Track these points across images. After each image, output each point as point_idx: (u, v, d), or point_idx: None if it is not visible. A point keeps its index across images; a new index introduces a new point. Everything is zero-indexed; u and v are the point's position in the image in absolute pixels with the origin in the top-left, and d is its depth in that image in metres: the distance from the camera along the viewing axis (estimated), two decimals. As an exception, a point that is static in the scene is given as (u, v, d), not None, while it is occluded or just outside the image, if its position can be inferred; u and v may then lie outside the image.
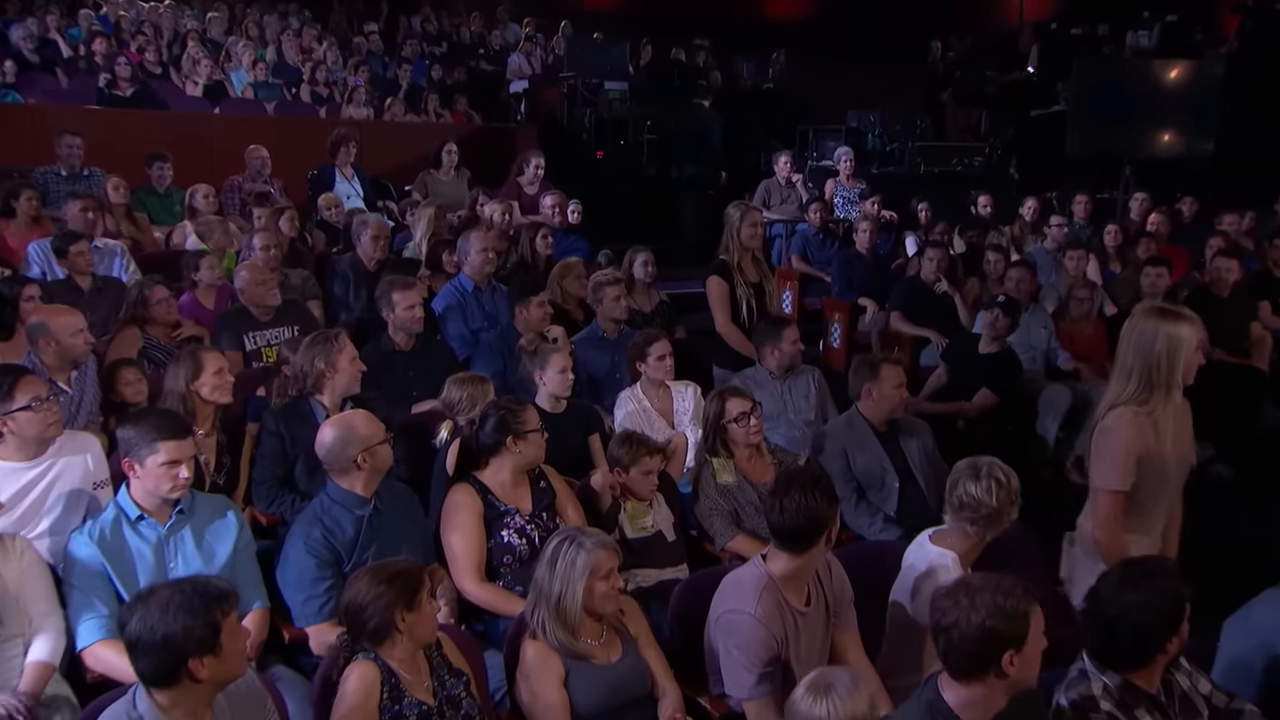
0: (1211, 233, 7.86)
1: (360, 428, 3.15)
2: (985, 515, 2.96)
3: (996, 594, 2.24)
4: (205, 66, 9.97)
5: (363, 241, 5.96)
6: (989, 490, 2.95)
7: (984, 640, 2.22)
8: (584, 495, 3.65)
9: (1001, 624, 2.22)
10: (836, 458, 4.06)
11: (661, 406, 4.57)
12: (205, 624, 2.17)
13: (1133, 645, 2.43)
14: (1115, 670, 2.44)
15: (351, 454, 3.09)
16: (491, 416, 3.40)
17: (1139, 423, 2.94)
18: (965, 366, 5.48)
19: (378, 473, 3.16)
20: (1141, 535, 3.02)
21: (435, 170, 8.29)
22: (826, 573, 2.95)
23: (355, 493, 3.13)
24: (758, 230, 5.09)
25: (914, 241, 8.08)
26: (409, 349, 4.75)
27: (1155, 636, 2.42)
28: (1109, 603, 2.44)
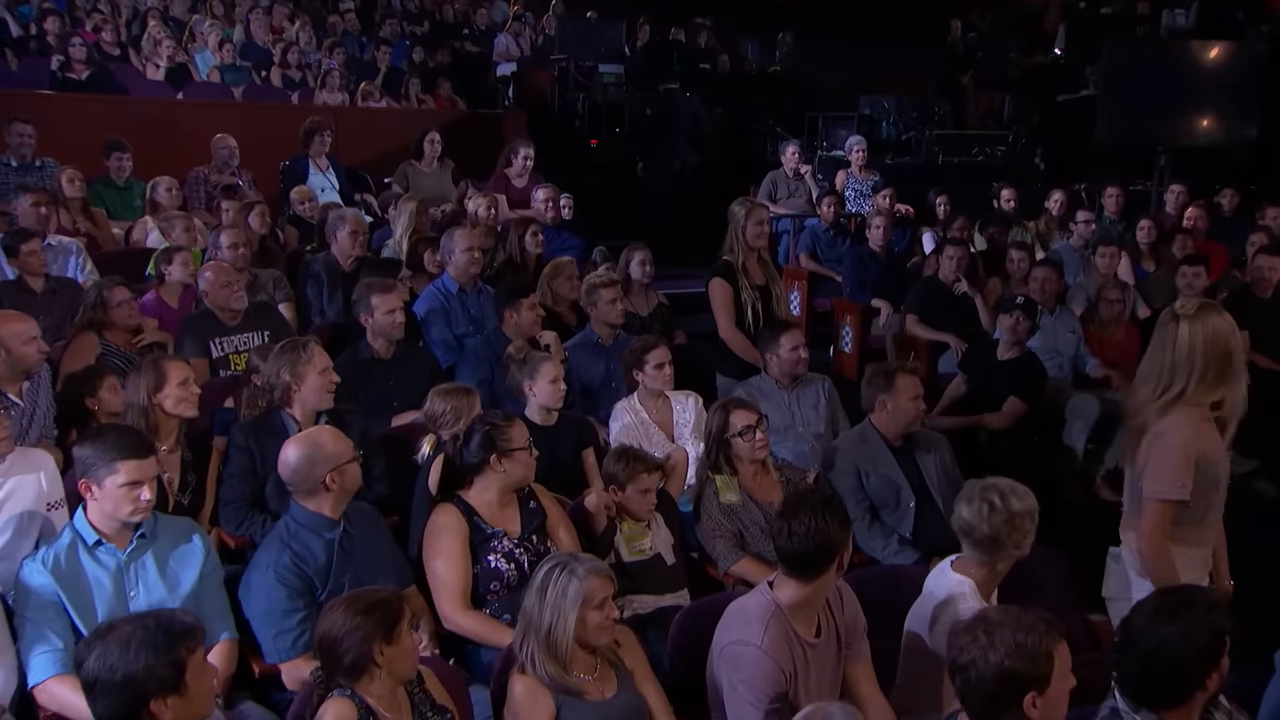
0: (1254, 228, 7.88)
1: (327, 445, 3.15)
2: (979, 541, 2.97)
3: (1017, 630, 2.24)
4: (167, 47, 9.97)
5: (339, 239, 5.96)
6: (979, 514, 2.96)
7: (1003, 681, 2.23)
8: (577, 516, 3.66)
9: (1022, 664, 2.23)
10: (848, 475, 4.08)
11: (660, 418, 4.58)
12: (169, 662, 2.17)
13: (1169, 682, 2.43)
14: (1150, 709, 2.45)
15: (319, 474, 3.10)
16: (476, 433, 3.41)
17: (1199, 425, 2.96)
18: (985, 374, 5.49)
19: (346, 493, 3.17)
20: (1192, 548, 3.03)
21: (416, 161, 8.30)
22: (838, 601, 2.96)
23: (323, 515, 3.14)
24: (764, 229, 5.11)
25: (931, 238, 8.09)
26: (389, 356, 4.76)
27: (1194, 672, 2.42)
28: (1143, 635, 2.44)
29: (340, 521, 3.17)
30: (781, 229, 8.95)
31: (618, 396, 4.77)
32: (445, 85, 10.85)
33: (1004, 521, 2.96)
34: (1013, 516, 2.96)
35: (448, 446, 3.57)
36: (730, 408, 3.95)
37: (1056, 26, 12.35)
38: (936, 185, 8.86)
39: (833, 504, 2.83)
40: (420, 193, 7.55)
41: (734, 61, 12.77)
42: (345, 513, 3.20)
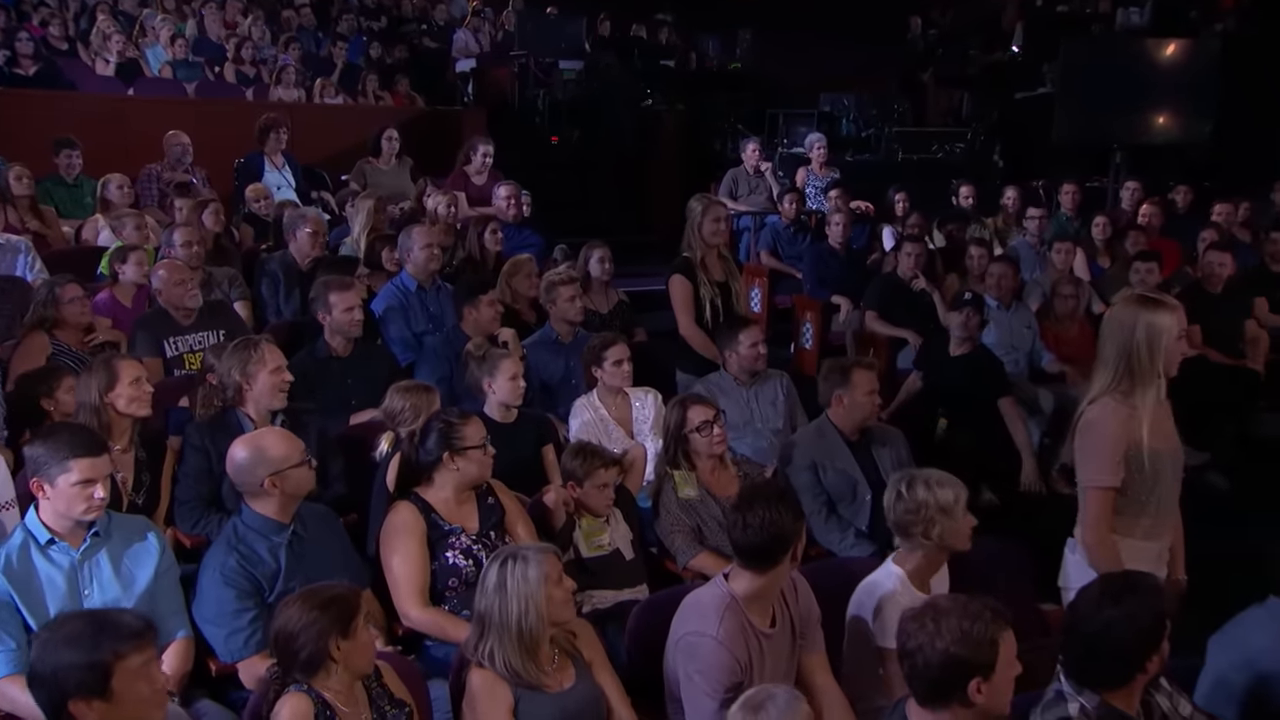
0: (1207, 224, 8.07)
1: (270, 449, 3.16)
2: (892, 526, 3.10)
3: (964, 618, 2.33)
4: (117, 42, 9.88)
5: (298, 238, 5.97)
6: (889, 501, 3.10)
7: (948, 667, 2.31)
8: (536, 512, 3.70)
9: (967, 651, 2.31)
10: (805, 469, 4.16)
11: (620, 415, 4.64)
12: (89, 664, 2.15)
13: (1111, 664, 2.53)
14: (1093, 690, 2.55)
15: (259, 477, 3.11)
16: (432, 430, 3.45)
17: (1121, 414, 3.03)
18: (939, 371, 5.59)
19: (292, 497, 3.17)
20: (1142, 540, 3.10)
21: (374, 158, 8.30)
22: (792, 592, 3.03)
23: (270, 518, 3.16)
24: (721, 225, 5.17)
25: (891, 235, 8.21)
26: (347, 355, 4.78)
27: (1135, 655, 2.52)
28: (1087, 618, 2.54)
29: (290, 525, 3.18)
30: (742, 226, 9.05)
31: (577, 394, 4.82)
32: (403, 82, 10.83)
33: (906, 510, 3.08)
34: (917, 506, 3.07)
35: (405, 444, 3.60)
36: (688, 403, 4.02)
37: (1014, 24, 12.55)
38: (896, 182, 8.97)
39: (786, 497, 2.91)
40: (378, 190, 7.54)
41: (695, 58, 12.86)
42: (298, 515, 3.21)
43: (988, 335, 5.93)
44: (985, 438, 5.42)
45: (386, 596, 3.36)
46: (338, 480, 3.96)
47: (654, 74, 11.98)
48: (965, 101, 12.17)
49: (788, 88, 11.95)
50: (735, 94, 11.87)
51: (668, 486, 3.95)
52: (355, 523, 3.74)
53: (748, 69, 12.63)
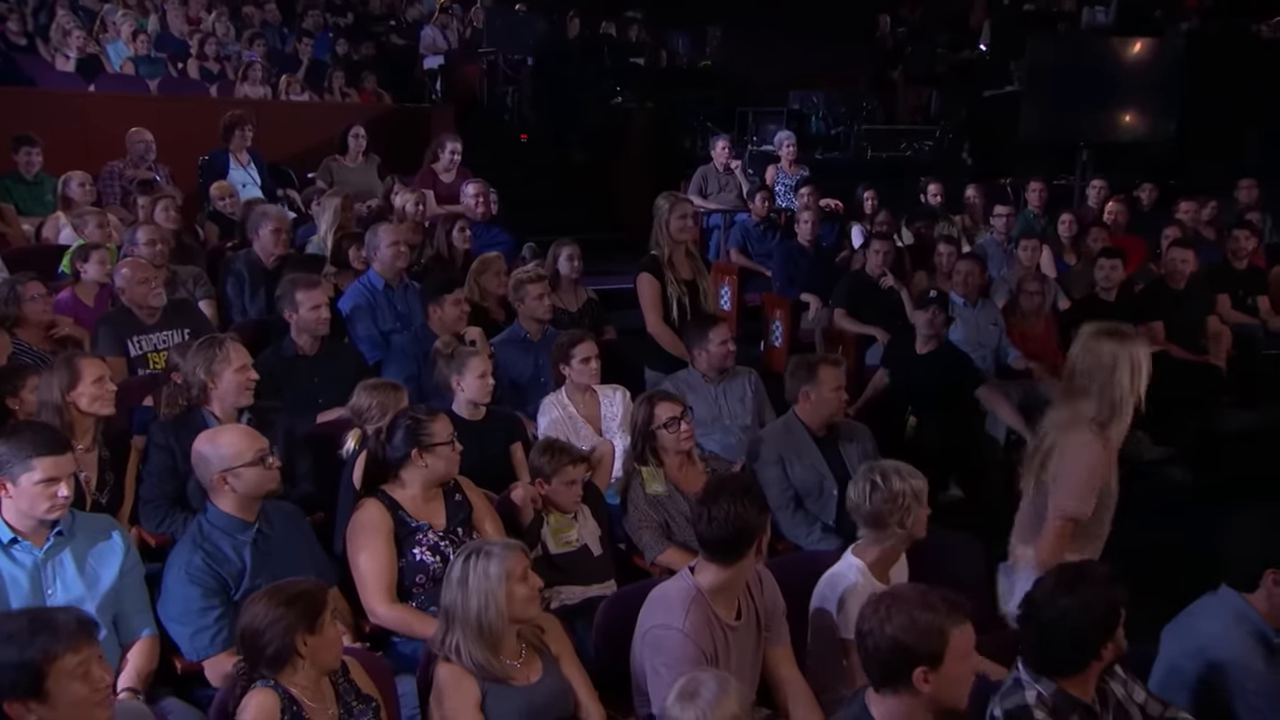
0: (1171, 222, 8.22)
1: (224, 446, 3.17)
2: (865, 519, 3.18)
3: (916, 607, 2.39)
4: (78, 38, 9.81)
5: (261, 236, 5.95)
6: (862, 493, 3.18)
7: (894, 653, 2.38)
8: (504, 509, 3.74)
9: (911, 638, 2.37)
10: (772, 465, 4.22)
11: (588, 413, 4.68)
12: (20, 664, 2.15)
13: (1067, 651, 2.61)
14: (1049, 678, 2.62)
15: (211, 474, 3.13)
16: (399, 427, 3.47)
17: (1097, 447, 3.23)
18: (905, 368, 5.67)
19: (251, 496, 3.19)
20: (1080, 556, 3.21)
21: (341, 156, 8.29)
22: (757, 585, 3.08)
23: (234, 516, 3.17)
24: (688, 222, 5.23)
25: (860, 233, 8.29)
26: (314, 353, 4.79)
27: (1090, 642, 2.60)
28: (1044, 607, 2.61)
29: (255, 523, 3.19)
30: (712, 224, 9.12)
31: (546, 392, 4.85)
32: (370, 79, 10.83)
33: (884, 500, 3.17)
34: (894, 495, 3.16)
35: (372, 442, 3.62)
36: (655, 400, 4.06)
37: (982, 23, 12.69)
38: (865, 180, 9.06)
39: (751, 490, 2.96)
40: (345, 188, 7.52)
41: (665, 56, 12.91)
42: (264, 513, 3.23)
43: (954, 333, 6.02)
44: (952, 435, 5.51)
45: (354, 594, 3.39)
46: (305, 479, 3.97)
47: (623, 71, 12.01)
48: (934, 99, 12.29)
49: (757, 86, 12.02)
50: (705, 92, 11.94)
51: (635, 483, 4.00)
52: (323, 521, 3.76)
53: (717, 67, 12.70)
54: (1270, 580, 2.88)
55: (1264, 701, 2.78)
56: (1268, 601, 2.88)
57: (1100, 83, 9.99)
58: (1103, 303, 6.58)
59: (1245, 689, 2.78)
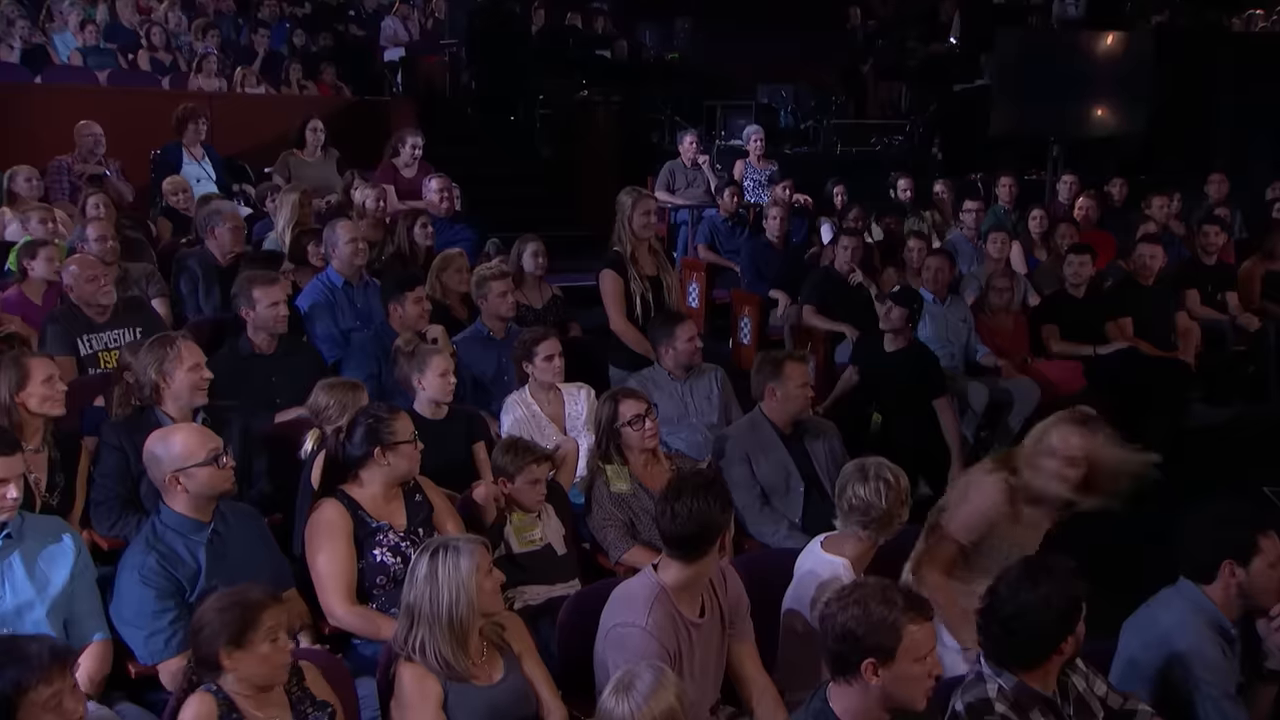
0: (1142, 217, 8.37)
1: (175, 446, 3.18)
2: (876, 518, 3.23)
3: (874, 599, 2.46)
4: (22, 28, 9.73)
5: (217, 234, 5.93)
6: (877, 492, 3.22)
7: (843, 641, 2.46)
8: (466, 508, 3.77)
9: (862, 629, 2.44)
10: (739, 462, 4.27)
11: (552, 411, 4.72)
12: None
13: (1028, 644, 2.68)
14: (1010, 671, 2.69)
15: (162, 474, 3.14)
16: (359, 425, 3.50)
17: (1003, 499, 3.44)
18: (874, 366, 5.74)
19: (205, 497, 3.20)
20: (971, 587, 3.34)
21: (299, 150, 8.25)
22: (721, 582, 3.14)
23: (188, 516, 3.18)
24: (651, 218, 5.27)
25: (829, 228, 8.36)
26: (271, 352, 4.79)
27: (1050, 636, 2.67)
28: (1006, 600, 2.69)
29: (210, 523, 3.20)
30: (680, 220, 9.17)
31: (510, 390, 4.88)
32: (329, 71, 10.79)
33: (897, 498, 3.25)
34: (901, 492, 3.27)
35: (331, 441, 3.65)
36: (619, 398, 4.11)
37: (952, 15, 12.83)
38: (835, 175, 9.16)
39: (715, 486, 3.01)
40: (303, 183, 7.51)
41: (631, 48, 12.96)
42: (219, 513, 3.24)
43: (923, 329, 6.11)
44: (920, 432, 5.60)
45: (313, 595, 3.41)
46: (262, 479, 3.99)
47: (589, 64, 12.04)
48: (904, 94, 12.42)
49: (726, 79, 12.10)
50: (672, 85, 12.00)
51: (600, 481, 4.04)
52: (281, 522, 3.77)
53: (685, 60, 12.78)
54: (1227, 572, 2.97)
55: (1220, 691, 2.87)
56: (1224, 593, 2.98)
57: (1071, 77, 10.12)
58: (1072, 299, 6.71)
59: (1203, 680, 2.87)
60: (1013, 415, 5.97)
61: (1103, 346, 6.52)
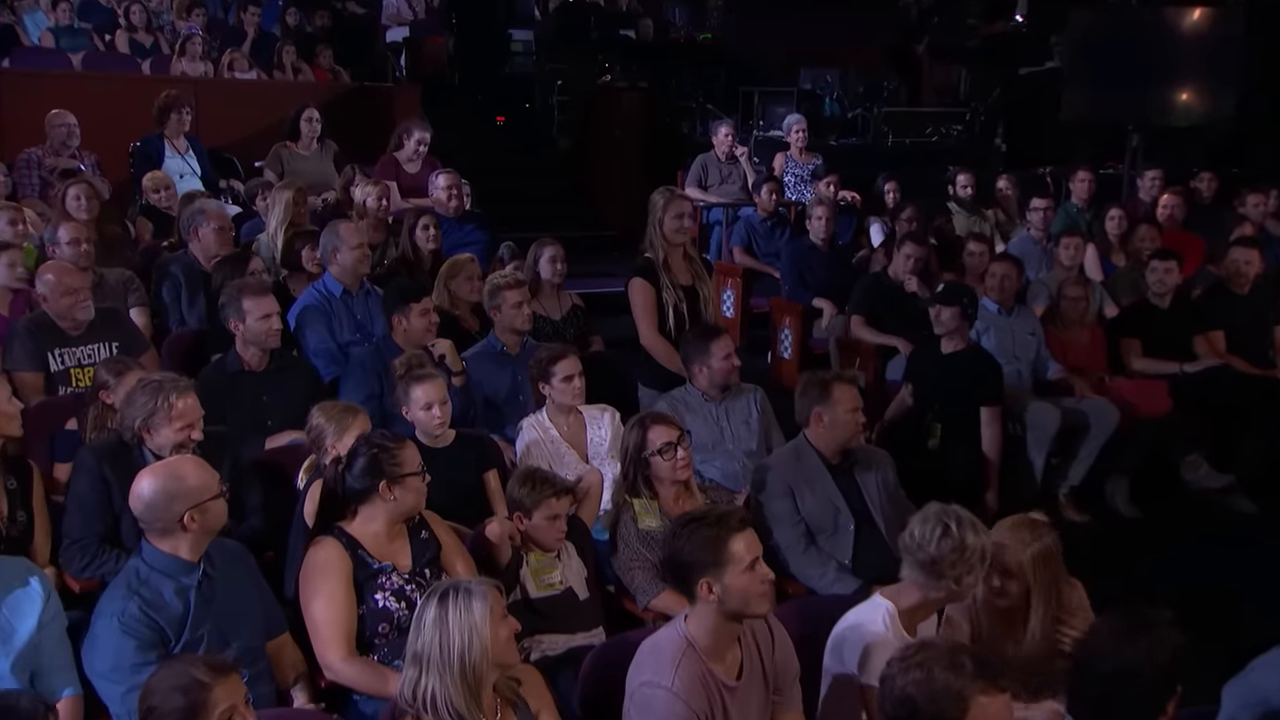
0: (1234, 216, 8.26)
1: (189, 479, 3.17)
2: (921, 562, 3.17)
3: (941, 665, 2.42)
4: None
5: (201, 236, 5.96)
6: (930, 534, 3.16)
7: (900, 706, 2.43)
8: (477, 547, 3.75)
9: (922, 696, 2.41)
10: (781, 496, 4.23)
11: (572, 436, 4.70)
12: None
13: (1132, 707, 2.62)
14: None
15: (177, 512, 3.12)
16: (361, 456, 3.48)
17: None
18: (930, 378, 5.69)
19: (208, 533, 3.20)
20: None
21: (292, 142, 8.31)
22: (768, 641, 3.10)
23: (179, 558, 3.17)
24: (685, 222, 5.25)
25: (879, 229, 8.34)
26: (262, 369, 4.81)
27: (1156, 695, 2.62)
28: (1104, 656, 2.64)
29: (199, 564, 3.19)
30: (713, 219, 9.16)
31: (526, 411, 4.88)
32: (325, 53, 10.85)
33: (953, 549, 3.14)
34: (963, 548, 3.14)
35: (329, 471, 3.63)
36: (648, 423, 4.08)
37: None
38: (885, 170, 9.11)
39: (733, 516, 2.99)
40: (297, 179, 7.55)
41: (659, 28, 12.96)
42: (208, 553, 3.23)
43: (987, 342, 6.06)
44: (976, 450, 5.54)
45: (309, 645, 3.40)
46: (254, 513, 3.99)
47: (612, 46, 12.04)
48: (963, 78, 12.35)
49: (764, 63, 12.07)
50: (705, 69, 11.99)
51: (626, 517, 4.01)
52: (272, 561, 3.77)
53: (719, 41, 12.75)
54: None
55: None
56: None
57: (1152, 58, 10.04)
58: (1155, 310, 6.62)
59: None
60: (1088, 441, 5.90)
61: (1191, 364, 6.43)
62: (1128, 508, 6.03)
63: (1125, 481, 6.06)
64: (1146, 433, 6.08)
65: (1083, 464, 5.96)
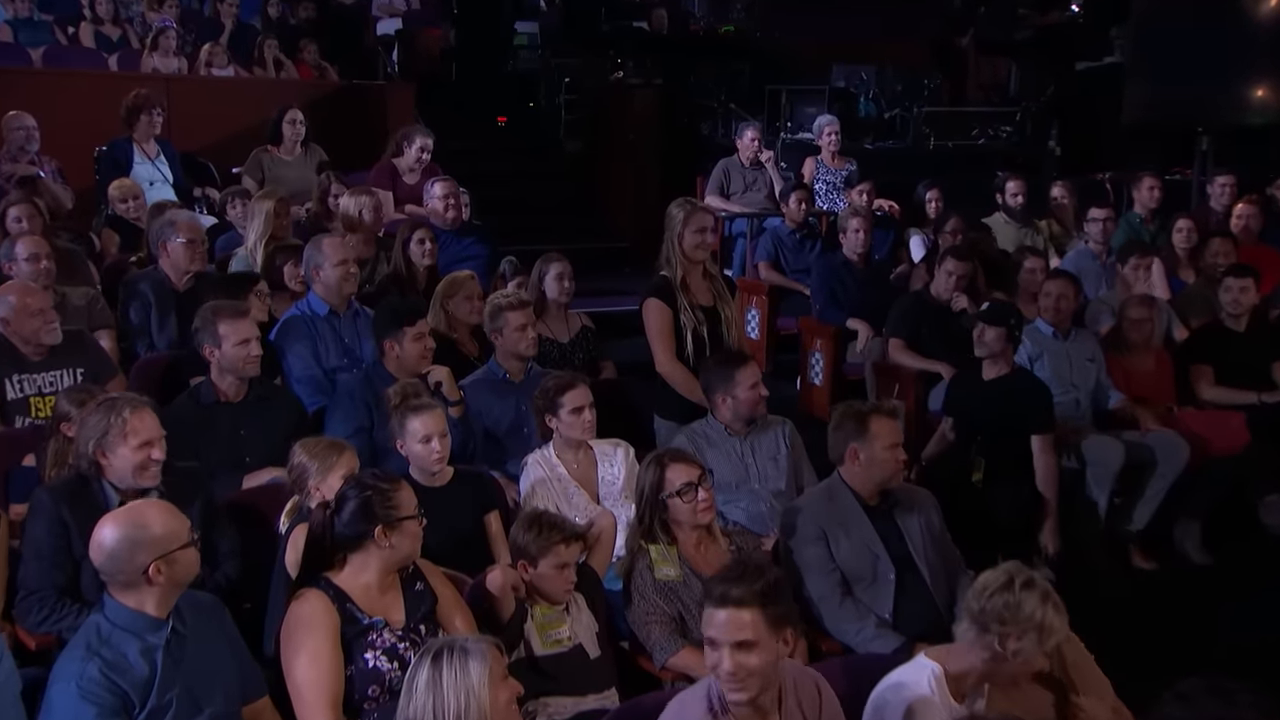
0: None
1: (154, 526, 3.16)
2: (971, 611, 3.15)
3: None
4: (-61, -3, 9.92)
5: (170, 250, 5.97)
6: (990, 582, 3.14)
7: None
8: (476, 599, 3.75)
9: None
10: (813, 541, 4.21)
11: (582, 475, 4.70)
12: None
13: None
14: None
15: (140, 564, 3.11)
16: (351, 499, 3.47)
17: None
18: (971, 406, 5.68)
19: (177, 586, 3.18)
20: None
21: (274, 146, 8.37)
22: (814, 701, 3.08)
23: (145, 613, 3.15)
24: (706, 237, 5.27)
25: (920, 242, 8.32)
26: (240, 399, 4.82)
27: None
28: None
29: (167, 620, 3.18)
30: (736, 231, 9.18)
31: (530, 446, 4.88)
32: (310, 48, 10.93)
33: (1004, 607, 3.11)
34: (1018, 608, 3.10)
35: (315, 516, 3.63)
36: (666, 461, 4.06)
37: (1075, -24, 12.80)
38: (927, 176, 9.10)
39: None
40: (279, 187, 7.60)
41: (676, 19, 13.01)
42: (177, 607, 3.23)
43: (1040, 369, 6.05)
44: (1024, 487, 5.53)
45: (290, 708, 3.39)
46: (228, 559, 3.99)
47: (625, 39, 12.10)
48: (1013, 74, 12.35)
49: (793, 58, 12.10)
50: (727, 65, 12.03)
51: (642, 565, 4.00)
52: (250, 614, 3.77)
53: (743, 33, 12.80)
54: None
55: None
56: None
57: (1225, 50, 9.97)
58: (1230, 333, 6.61)
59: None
60: (1155, 480, 5.87)
61: (1269, 393, 6.40)
62: (1199, 554, 5.99)
63: (1196, 525, 6.02)
64: (1220, 470, 6.04)
65: (1149, 505, 5.93)
